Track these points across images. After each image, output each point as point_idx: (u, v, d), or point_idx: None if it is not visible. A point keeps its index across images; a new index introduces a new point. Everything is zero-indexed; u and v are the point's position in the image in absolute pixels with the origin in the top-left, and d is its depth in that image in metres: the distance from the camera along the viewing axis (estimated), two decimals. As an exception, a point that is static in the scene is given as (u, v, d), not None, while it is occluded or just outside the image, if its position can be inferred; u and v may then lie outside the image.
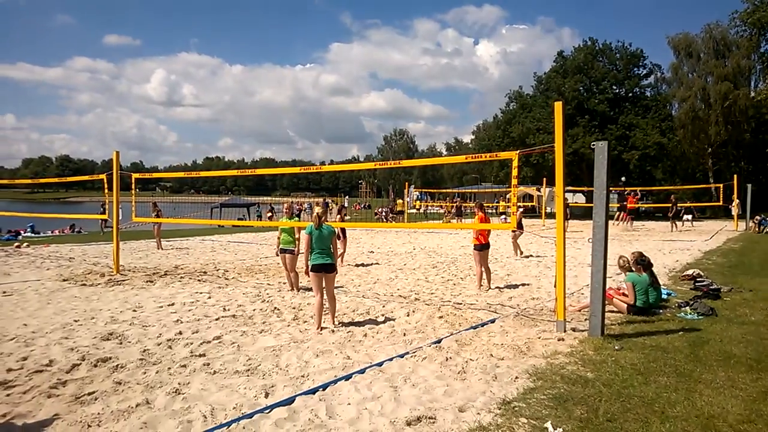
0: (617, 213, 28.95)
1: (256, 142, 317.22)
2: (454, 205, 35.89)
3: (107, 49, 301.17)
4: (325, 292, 7.23)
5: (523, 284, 10.69)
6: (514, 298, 9.33)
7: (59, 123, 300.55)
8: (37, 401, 4.64)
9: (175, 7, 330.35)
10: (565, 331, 6.70)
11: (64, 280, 10.80)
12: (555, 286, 6.89)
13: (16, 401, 4.64)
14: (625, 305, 7.83)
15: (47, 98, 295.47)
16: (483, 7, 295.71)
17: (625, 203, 28.35)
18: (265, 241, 20.44)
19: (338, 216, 14.99)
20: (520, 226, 14.35)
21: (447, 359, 5.74)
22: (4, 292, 9.46)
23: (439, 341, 6.44)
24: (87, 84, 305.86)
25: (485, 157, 8.71)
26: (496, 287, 10.26)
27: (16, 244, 17.90)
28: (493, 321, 7.52)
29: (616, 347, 6.01)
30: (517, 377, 5.14)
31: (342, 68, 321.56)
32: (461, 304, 8.80)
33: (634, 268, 8.12)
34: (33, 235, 22.34)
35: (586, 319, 7.07)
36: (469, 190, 61.32)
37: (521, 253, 15.44)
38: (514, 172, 7.23)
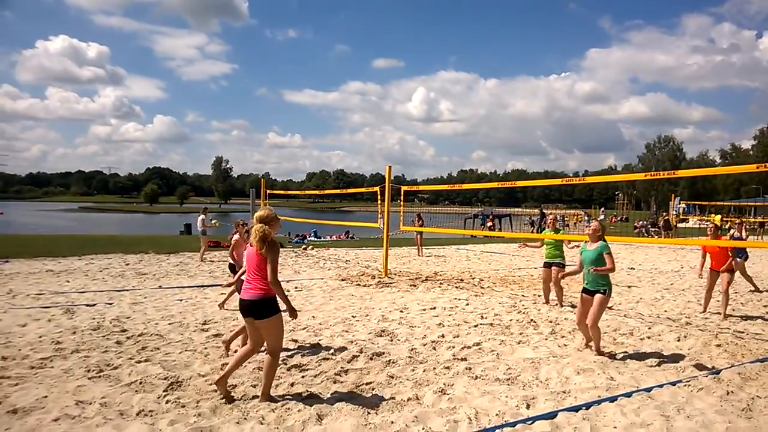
0: None
1: (508, 153, 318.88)
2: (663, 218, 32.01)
3: (376, 72, 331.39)
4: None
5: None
6: (815, 331, 7.96)
7: (335, 141, 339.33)
8: (325, 385, 5.31)
9: (435, 29, 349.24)
10: None
11: (342, 280, 12.19)
12: None
13: (309, 383, 5.37)
14: None
15: (326, 119, 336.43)
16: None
17: None
18: (517, 252, 20.46)
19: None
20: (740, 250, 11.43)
21: (728, 393, 5.17)
22: (296, 287, 11.03)
23: (717, 372, 5.82)
24: (358, 105, 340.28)
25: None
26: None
27: (303, 246, 20.70)
28: (786, 356, 6.53)
29: None
30: (821, 425, 4.42)
31: (599, 74, 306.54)
32: (743, 332, 7.80)
33: None
34: (316, 239, 25.56)
35: None
36: (749, 204, 53.29)
37: (754, 287, 11.75)
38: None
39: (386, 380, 5.46)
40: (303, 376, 5.56)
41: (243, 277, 4.95)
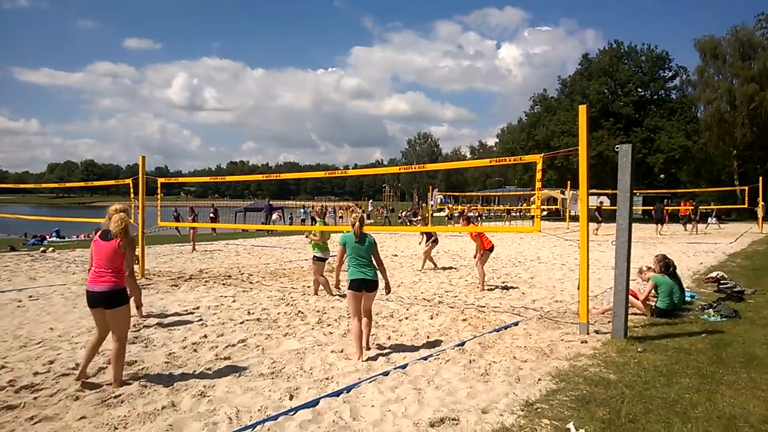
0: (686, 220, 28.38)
1: (280, 146, 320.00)
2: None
3: (129, 53, 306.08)
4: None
5: (546, 287, 10.62)
6: (538, 301, 9.29)
7: (83, 128, 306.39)
8: (64, 404, 4.67)
9: (195, 12, 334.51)
10: (588, 333, 6.66)
11: (92, 285, 10.94)
12: (578, 289, 6.85)
13: (44, 404, 4.68)
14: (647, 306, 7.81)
15: (70, 103, 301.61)
16: (505, 10, 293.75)
17: (662, 207, 28.27)
18: (289, 244, 20.59)
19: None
20: (430, 236, 13.51)
21: (470, 362, 5.74)
22: (31, 297, 9.58)
23: (462, 344, 6.44)
24: (109, 88, 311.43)
25: (510, 160, 8.71)
26: (520, 291, 10.21)
27: (42, 248, 18.20)
28: (516, 324, 7.50)
29: (639, 349, 5.97)
30: (539, 379, 5.12)
31: (364, 72, 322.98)
32: (485, 307, 8.78)
33: (656, 270, 8.05)
34: (58, 239, 22.64)
35: (609, 322, 7.02)
36: (493, 194, 61.09)
37: (433, 265, 13.66)
38: (538, 176, 7.20)
39: (138, 390, 4.98)
40: (36, 398, 4.81)
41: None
